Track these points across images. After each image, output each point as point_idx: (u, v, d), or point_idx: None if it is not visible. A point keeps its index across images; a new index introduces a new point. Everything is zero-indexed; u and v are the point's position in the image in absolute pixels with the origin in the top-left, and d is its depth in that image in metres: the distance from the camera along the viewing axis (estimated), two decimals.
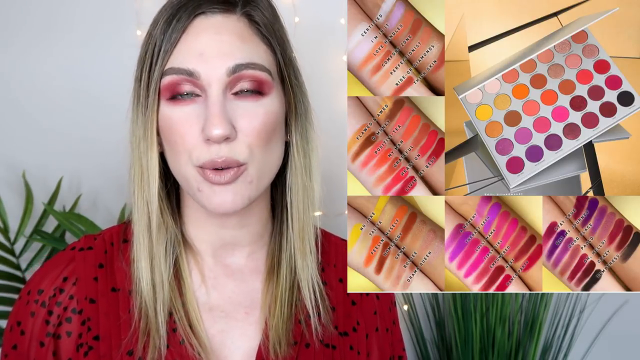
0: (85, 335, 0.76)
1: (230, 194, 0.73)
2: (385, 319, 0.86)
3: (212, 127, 0.70)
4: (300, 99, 0.80)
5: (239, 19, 0.74)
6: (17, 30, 1.42)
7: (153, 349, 0.74)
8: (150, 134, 0.75)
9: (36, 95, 1.42)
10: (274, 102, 0.75)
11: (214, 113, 0.71)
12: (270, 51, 0.76)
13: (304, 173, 0.80)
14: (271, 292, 0.80)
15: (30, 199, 1.37)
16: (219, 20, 0.74)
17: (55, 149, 1.42)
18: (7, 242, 1.37)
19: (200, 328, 0.77)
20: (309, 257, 0.80)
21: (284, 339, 0.77)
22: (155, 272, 0.77)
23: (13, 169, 1.42)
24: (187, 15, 0.73)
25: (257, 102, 0.73)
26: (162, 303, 0.76)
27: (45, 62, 1.42)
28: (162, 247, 0.78)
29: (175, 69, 0.72)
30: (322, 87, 1.47)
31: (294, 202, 0.80)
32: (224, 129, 0.70)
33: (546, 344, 1.56)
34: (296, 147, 0.79)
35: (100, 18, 1.42)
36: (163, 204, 0.78)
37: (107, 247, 0.80)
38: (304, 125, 0.80)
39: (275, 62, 0.76)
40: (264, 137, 0.74)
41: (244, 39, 0.73)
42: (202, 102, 0.73)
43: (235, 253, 0.82)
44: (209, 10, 0.73)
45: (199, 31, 0.73)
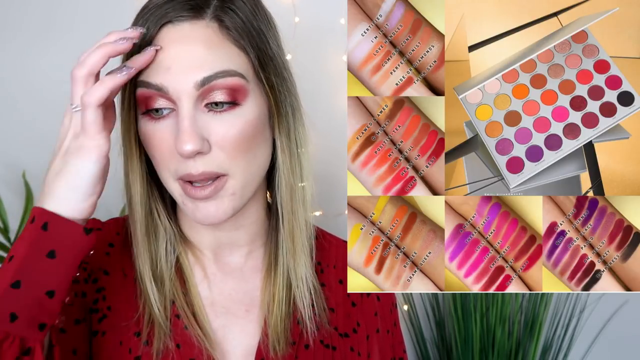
0: (100, 302, 0.77)
1: (212, 208, 0.73)
2: (386, 320, 0.86)
3: (181, 143, 0.69)
4: (285, 98, 0.76)
5: (207, 25, 0.71)
6: (17, 29, 1.41)
7: (159, 340, 0.75)
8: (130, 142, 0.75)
9: (36, 95, 1.42)
10: (252, 108, 0.73)
11: (183, 129, 0.69)
12: (244, 54, 0.72)
13: (291, 173, 0.78)
14: (269, 291, 0.80)
15: (30, 199, 1.37)
16: (186, 29, 0.71)
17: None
18: (7, 242, 1.37)
19: (204, 319, 0.78)
20: (302, 257, 0.80)
21: (282, 338, 0.78)
22: (156, 268, 0.78)
23: (13, 169, 1.42)
24: (154, 25, 0.71)
25: (232, 112, 0.71)
26: (165, 300, 0.77)
27: (45, 62, 1.42)
28: (162, 247, 0.78)
29: (145, 83, 0.71)
30: (322, 87, 1.47)
31: (283, 202, 0.79)
32: (194, 144, 0.68)
33: (546, 344, 1.56)
34: (281, 147, 0.77)
35: (99, 17, 1.42)
36: (158, 207, 0.79)
37: (113, 236, 0.82)
38: (289, 125, 0.77)
39: (250, 65, 0.73)
40: (244, 147, 0.72)
41: (213, 46, 0.70)
42: (175, 117, 0.71)
43: (233, 253, 0.82)
44: (176, 19, 0.71)
45: (167, 42, 0.70)
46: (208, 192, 0.71)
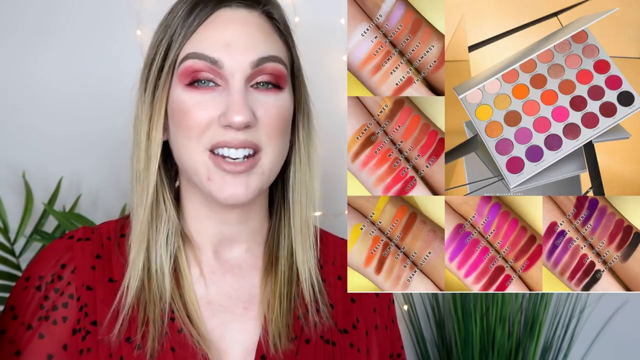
0: (83, 320, 0.76)
1: (242, 186, 0.74)
2: (384, 316, 0.87)
3: (234, 113, 0.72)
4: (305, 99, 0.82)
5: (260, 16, 0.77)
6: (13, 29, 1.41)
7: (152, 339, 0.74)
8: (157, 115, 0.76)
9: (36, 95, 1.42)
10: (288, 97, 0.78)
11: (236, 101, 0.73)
12: (286, 48, 0.79)
13: (307, 171, 0.81)
14: (269, 288, 0.80)
15: (30, 199, 1.37)
16: (243, 14, 0.76)
17: (55, 149, 1.42)
18: (7, 242, 1.37)
19: (198, 319, 0.77)
20: (310, 252, 0.81)
21: (283, 333, 0.78)
22: (154, 261, 0.77)
23: (13, 169, 1.42)
24: (211, 5, 0.75)
25: (275, 95, 0.76)
26: (162, 293, 0.76)
27: (45, 62, 1.42)
28: (163, 236, 0.78)
29: (199, 54, 0.74)
30: (322, 87, 1.46)
31: (296, 199, 0.81)
32: (246, 116, 0.72)
33: (546, 344, 1.56)
34: (302, 145, 0.81)
35: (98, 17, 1.42)
36: (165, 192, 0.79)
37: (104, 241, 0.81)
38: (309, 124, 0.82)
39: (289, 59, 0.79)
40: (280, 129, 0.76)
41: (266, 34, 0.76)
42: (222, 92, 0.74)
43: (233, 249, 0.82)
44: (234, 3, 0.76)
45: (225, 22, 0.75)
46: (244, 167, 0.74)
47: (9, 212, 1.38)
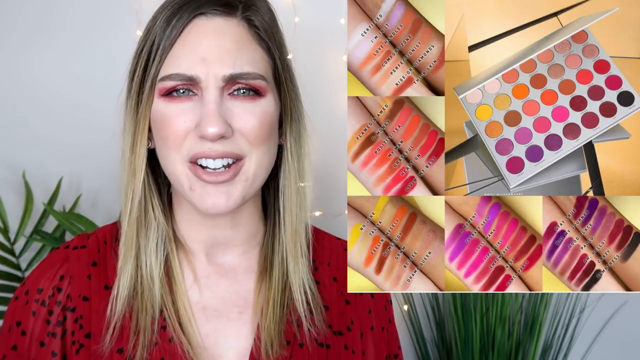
0: (77, 332, 0.76)
1: (223, 196, 0.73)
2: (380, 317, 0.86)
3: (207, 125, 0.71)
4: (295, 104, 0.80)
5: (238, 23, 0.75)
6: (12, 28, 1.41)
7: (142, 348, 0.74)
8: (141, 129, 0.75)
9: (36, 95, 1.42)
10: (270, 103, 0.76)
11: (209, 112, 0.71)
12: (268, 56, 0.76)
13: (297, 177, 0.80)
14: (263, 294, 0.80)
15: (30, 199, 1.37)
16: (219, 23, 0.74)
17: (55, 149, 1.42)
18: (7, 242, 1.37)
19: (190, 326, 0.77)
20: (301, 260, 0.81)
21: (276, 340, 0.77)
22: (144, 268, 0.77)
23: (13, 169, 1.42)
24: (187, 14, 0.73)
25: (253, 102, 0.74)
26: (153, 301, 0.76)
27: (44, 62, 1.42)
28: (153, 243, 0.78)
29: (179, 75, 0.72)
30: (322, 87, 1.47)
31: (287, 206, 0.80)
32: (220, 127, 0.71)
33: (546, 344, 1.56)
34: (290, 151, 0.80)
35: (97, 17, 1.42)
36: (153, 200, 0.79)
37: (101, 246, 0.80)
38: (298, 130, 0.80)
39: (271, 67, 0.77)
40: (262, 136, 0.74)
41: (242, 46, 0.74)
42: (198, 101, 0.73)
43: (227, 252, 0.82)
44: (210, 11, 0.74)
45: (200, 34, 0.73)
46: (227, 176, 0.73)
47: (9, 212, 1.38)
